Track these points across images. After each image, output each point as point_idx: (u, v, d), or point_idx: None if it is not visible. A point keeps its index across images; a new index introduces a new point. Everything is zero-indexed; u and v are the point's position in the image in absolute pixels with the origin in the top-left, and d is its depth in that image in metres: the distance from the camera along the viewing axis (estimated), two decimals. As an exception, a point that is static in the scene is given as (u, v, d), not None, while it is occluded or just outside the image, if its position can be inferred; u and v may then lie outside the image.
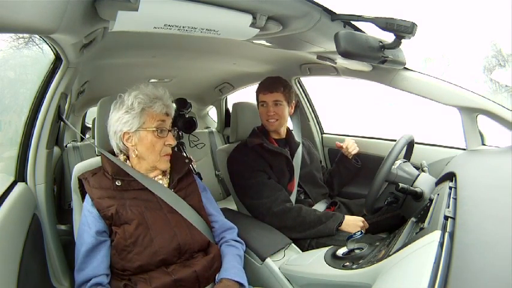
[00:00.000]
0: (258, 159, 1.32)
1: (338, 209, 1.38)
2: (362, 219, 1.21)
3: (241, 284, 0.90)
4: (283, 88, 1.35)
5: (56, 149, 1.92)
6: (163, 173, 0.99)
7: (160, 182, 0.96)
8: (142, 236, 0.86)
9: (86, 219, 0.88)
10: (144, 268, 0.85)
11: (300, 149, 1.43)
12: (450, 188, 0.80)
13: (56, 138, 1.70)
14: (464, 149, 1.25)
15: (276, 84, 1.35)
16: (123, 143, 0.93)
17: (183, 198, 0.97)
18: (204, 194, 1.05)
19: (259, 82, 1.44)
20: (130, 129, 0.91)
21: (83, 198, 0.94)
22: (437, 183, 0.98)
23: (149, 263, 0.85)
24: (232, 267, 0.93)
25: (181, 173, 1.00)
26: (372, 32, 0.97)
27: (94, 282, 0.82)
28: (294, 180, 1.36)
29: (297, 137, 1.47)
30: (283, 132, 1.42)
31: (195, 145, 2.36)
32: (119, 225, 0.87)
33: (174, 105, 0.98)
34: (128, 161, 0.96)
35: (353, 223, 1.19)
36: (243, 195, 1.34)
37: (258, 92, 1.39)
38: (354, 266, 0.82)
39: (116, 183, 0.91)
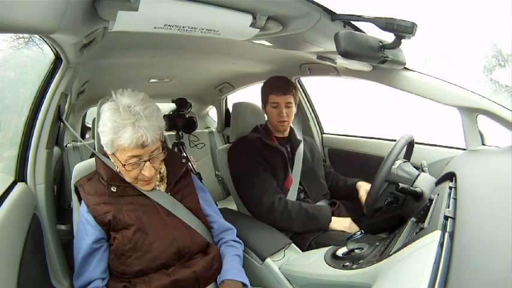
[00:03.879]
0: (256, 152, 1.34)
1: (338, 209, 1.39)
2: (350, 220, 1.25)
3: (243, 284, 0.91)
4: (294, 89, 1.37)
5: (56, 149, 1.92)
6: (161, 179, 0.97)
7: (158, 188, 0.94)
8: (141, 241, 0.85)
9: (84, 226, 0.87)
10: (144, 272, 0.85)
11: (301, 146, 1.44)
12: (450, 188, 0.80)
13: (56, 138, 1.70)
14: (464, 149, 1.25)
15: (288, 86, 1.35)
16: None
17: (180, 200, 0.96)
18: (202, 195, 1.04)
19: (259, 82, 1.44)
20: (107, 150, 0.85)
21: (81, 201, 0.93)
22: (437, 183, 0.98)
23: (149, 267, 0.85)
24: (232, 268, 0.93)
25: (178, 176, 0.99)
26: (372, 32, 0.97)
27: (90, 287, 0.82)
28: (290, 177, 1.36)
29: (298, 135, 1.48)
30: (286, 131, 1.44)
31: (195, 145, 2.36)
32: (117, 230, 0.86)
33: (161, 121, 0.86)
34: None
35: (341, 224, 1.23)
36: (239, 186, 1.37)
37: (269, 92, 1.37)
38: (354, 266, 0.82)
39: (112, 189, 0.89)
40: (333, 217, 1.24)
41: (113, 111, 0.80)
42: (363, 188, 1.34)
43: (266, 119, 1.46)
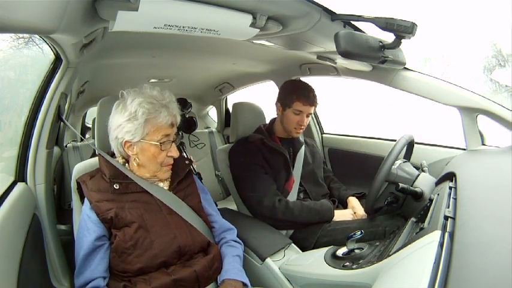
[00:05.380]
0: (257, 154, 1.35)
1: (337, 208, 1.39)
2: (350, 210, 1.30)
3: (244, 284, 0.91)
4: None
5: (56, 149, 1.92)
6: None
7: (161, 184, 0.96)
8: (142, 239, 0.86)
9: (86, 223, 0.87)
10: (145, 270, 0.85)
11: (302, 148, 1.45)
12: (450, 188, 0.80)
13: (56, 138, 1.70)
14: (464, 149, 1.25)
15: (315, 98, 1.36)
16: (124, 150, 0.90)
17: (182, 199, 0.96)
18: (203, 195, 1.04)
19: (259, 82, 1.44)
20: (133, 139, 0.87)
21: (82, 200, 0.93)
22: (437, 183, 0.98)
23: (149, 266, 0.85)
24: (233, 268, 0.93)
25: (182, 176, 1.00)
26: (372, 32, 0.97)
27: (91, 286, 0.81)
28: (292, 179, 1.36)
29: (300, 136, 1.49)
30: None
31: (195, 145, 2.36)
32: (119, 228, 0.86)
33: (178, 109, 0.95)
34: (127, 164, 0.95)
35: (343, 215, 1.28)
36: (239, 187, 1.38)
37: (296, 98, 1.33)
38: (354, 266, 0.82)
39: (114, 186, 0.90)
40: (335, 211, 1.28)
41: (145, 97, 0.87)
42: (353, 203, 1.37)
43: (272, 118, 1.47)
